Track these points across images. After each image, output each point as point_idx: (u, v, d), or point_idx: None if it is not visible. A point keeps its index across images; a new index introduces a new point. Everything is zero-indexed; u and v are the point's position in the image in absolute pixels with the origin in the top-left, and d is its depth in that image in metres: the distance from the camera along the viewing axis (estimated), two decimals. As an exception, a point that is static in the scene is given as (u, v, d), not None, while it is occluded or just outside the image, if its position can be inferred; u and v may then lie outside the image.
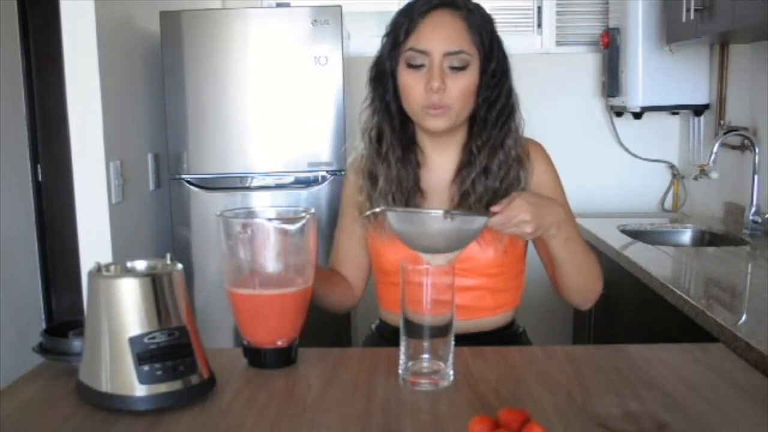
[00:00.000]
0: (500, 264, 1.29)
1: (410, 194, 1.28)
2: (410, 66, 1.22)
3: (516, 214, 1.09)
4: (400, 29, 1.23)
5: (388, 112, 1.28)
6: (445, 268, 1.03)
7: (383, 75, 1.27)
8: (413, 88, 1.22)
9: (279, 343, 1.10)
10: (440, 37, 1.20)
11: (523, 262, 1.36)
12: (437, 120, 1.22)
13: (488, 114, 1.26)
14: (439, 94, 1.19)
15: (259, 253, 1.08)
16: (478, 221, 1.08)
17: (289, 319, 1.10)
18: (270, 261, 1.08)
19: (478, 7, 1.25)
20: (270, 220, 1.10)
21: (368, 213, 1.21)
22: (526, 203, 1.10)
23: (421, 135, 1.32)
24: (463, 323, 1.27)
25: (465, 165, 1.28)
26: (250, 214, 1.16)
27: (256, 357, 1.10)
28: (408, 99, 1.24)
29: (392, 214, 1.08)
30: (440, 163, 1.32)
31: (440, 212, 1.03)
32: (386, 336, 1.35)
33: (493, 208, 1.10)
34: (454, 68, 1.20)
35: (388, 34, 1.26)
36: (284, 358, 1.11)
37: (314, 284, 1.14)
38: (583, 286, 1.29)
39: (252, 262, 1.08)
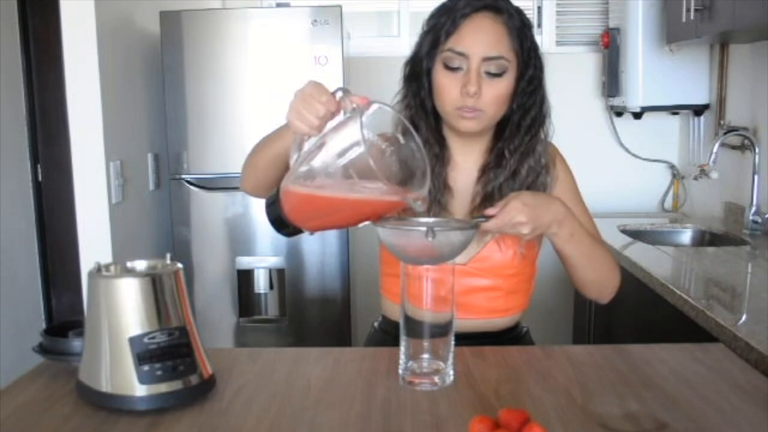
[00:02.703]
0: (517, 265, 1.29)
1: (441, 191, 1.28)
2: (447, 67, 1.21)
3: (512, 217, 1.09)
4: (441, 29, 1.22)
5: (424, 109, 1.27)
6: (447, 266, 1.03)
7: (419, 73, 1.26)
8: (448, 89, 1.21)
9: (307, 233, 1.07)
10: (480, 41, 1.19)
11: (535, 265, 1.36)
12: (470, 122, 1.22)
13: (522, 120, 1.26)
14: (474, 99, 1.19)
15: (365, 177, 0.95)
16: (465, 234, 1.07)
17: (340, 225, 1.06)
18: (370, 183, 0.96)
19: (519, 12, 1.24)
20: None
21: (359, 226, 1.19)
22: (521, 204, 1.10)
23: (449, 134, 1.32)
24: (472, 322, 1.28)
25: (492, 167, 1.28)
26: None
27: (281, 225, 1.07)
28: (442, 99, 1.24)
29: (381, 230, 1.08)
30: (464, 164, 1.32)
31: (423, 229, 1.03)
32: (389, 331, 1.35)
33: (488, 211, 1.11)
34: (490, 74, 1.20)
35: (426, 32, 1.25)
36: (299, 232, 1.08)
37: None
38: (598, 280, 1.28)
39: (351, 175, 0.95)
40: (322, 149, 0.99)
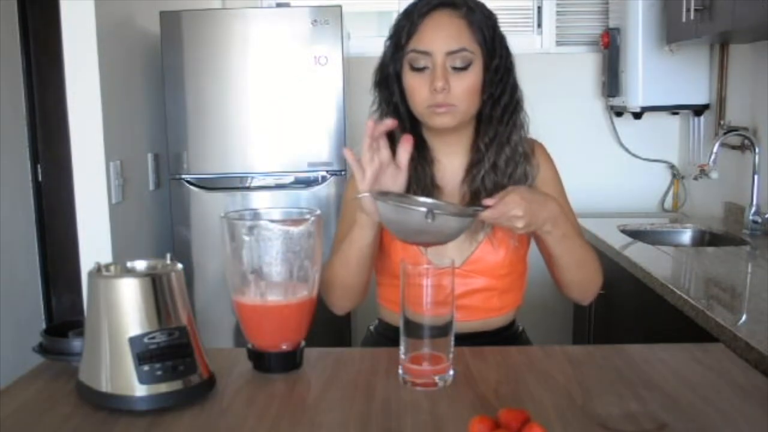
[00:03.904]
0: (509, 264, 1.30)
1: (429, 190, 1.28)
2: (413, 68, 1.22)
3: (509, 209, 1.10)
4: (402, 32, 1.23)
5: (398, 113, 1.28)
6: (446, 269, 1.03)
7: (388, 78, 1.27)
8: (418, 90, 1.22)
9: (284, 347, 1.09)
10: (441, 37, 1.20)
11: (526, 261, 1.36)
12: (443, 117, 1.23)
13: (493, 110, 1.27)
14: (443, 94, 1.20)
15: (263, 257, 1.06)
16: (463, 221, 1.08)
17: (294, 326, 1.09)
18: (274, 265, 1.06)
19: (479, 4, 1.25)
20: (274, 221, 1.08)
21: (359, 196, 1.19)
22: (519, 198, 1.10)
23: (429, 137, 1.32)
24: (468, 324, 1.28)
25: (475, 164, 1.29)
26: (255, 215, 1.14)
27: (261, 361, 1.09)
28: (413, 100, 1.24)
29: (381, 204, 1.08)
30: (449, 164, 1.32)
31: (423, 210, 1.03)
32: (387, 335, 1.35)
33: (486, 201, 1.11)
34: (456, 68, 1.21)
35: (390, 38, 1.27)
36: (289, 362, 1.09)
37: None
38: (582, 281, 1.29)
39: (256, 266, 1.06)
40: None
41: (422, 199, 1.17)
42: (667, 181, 3.25)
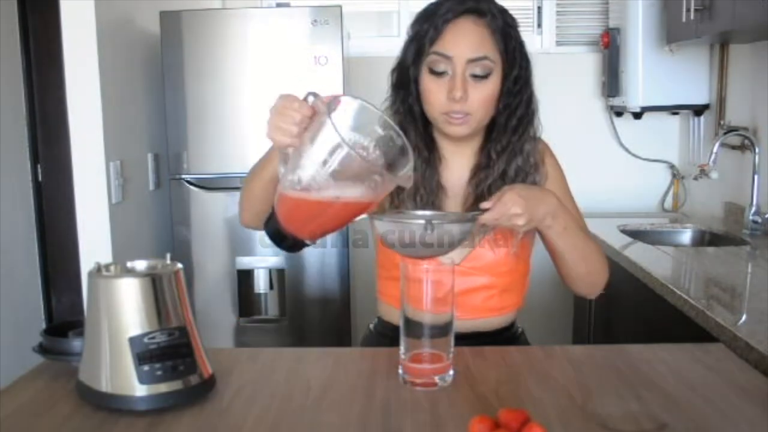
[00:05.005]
0: (510, 263, 1.30)
1: (435, 192, 1.28)
2: (433, 72, 1.22)
3: (507, 208, 1.10)
4: (425, 36, 1.22)
5: (412, 114, 1.28)
6: (446, 267, 1.03)
7: (406, 80, 1.27)
8: (435, 94, 1.22)
9: (308, 242, 1.06)
10: (464, 43, 1.20)
11: (529, 263, 1.36)
12: (458, 127, 1.23)
13: (509, 121, 1.26)
14: (460, 104, 1.20)
15: (339, 176, 0.95)
16: (463, 226, 1.08)
17: (335, 225, 1.04)
18: (343, 183, 0.96)
19: (503, 12, 1.24)
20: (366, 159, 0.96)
21: (361, 217, 1.19)
22: (516, 196, 1.10)
23: (438, 136, 1.32)
24: (468, 322, 1.28)
25: (482, 168, 1.29)
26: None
27: (282, 238, 1.05)
28: (429, 105, 1.24)
29: (378, 222, 1.08)
30: (456, 164, 1.32)
31: (421, 222, 1.03)
32: (386, 334, 1.35)
33: (483, 205, 1.11)
34: (476, 76, 1.20)
35: (411, 40, 1.26)
36: (301, 245, 1.06)
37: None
38: (588, 274, 1.28)
39: (328, 178, 0.95)
40: (304, 155, 0.98)
41: (419, 212, 1.17)
42: (667, 181, 3.25)
